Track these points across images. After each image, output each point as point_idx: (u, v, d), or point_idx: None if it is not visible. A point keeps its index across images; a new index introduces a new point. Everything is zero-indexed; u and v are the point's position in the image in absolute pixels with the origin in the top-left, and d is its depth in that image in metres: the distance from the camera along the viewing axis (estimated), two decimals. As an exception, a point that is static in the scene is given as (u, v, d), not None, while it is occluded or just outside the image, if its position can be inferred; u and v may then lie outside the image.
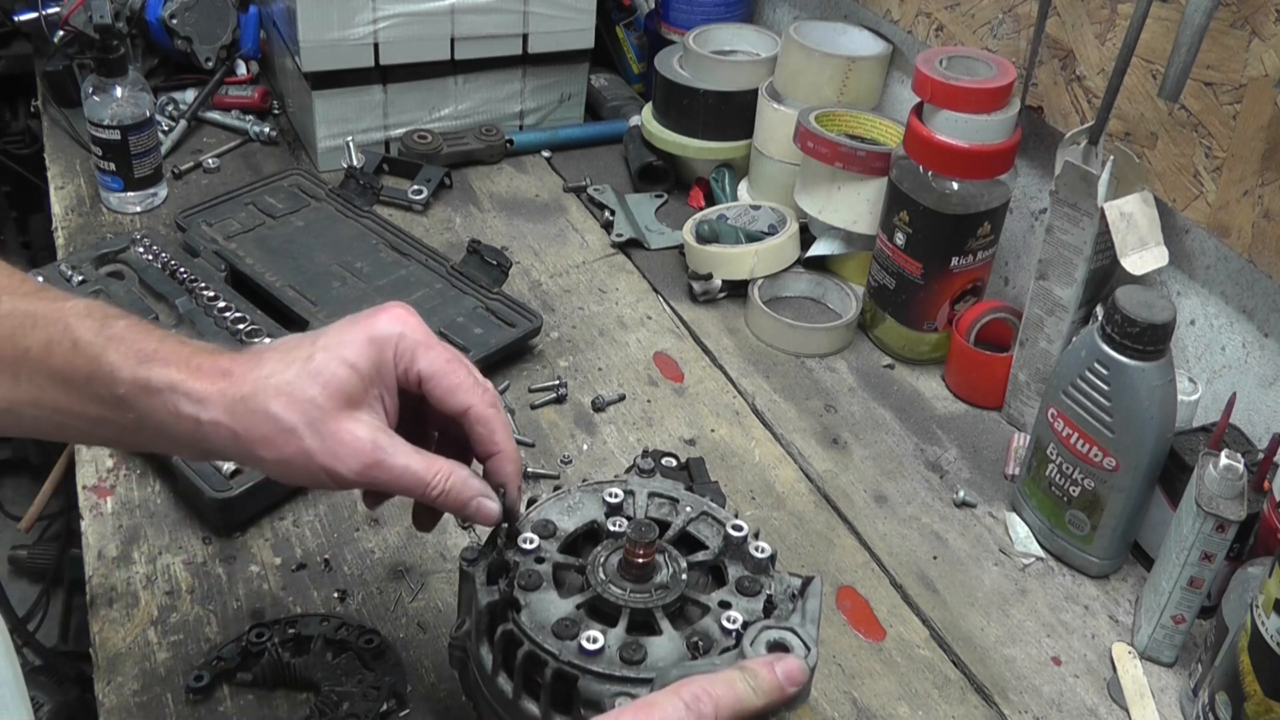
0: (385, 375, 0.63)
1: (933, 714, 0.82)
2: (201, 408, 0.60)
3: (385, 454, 0.61)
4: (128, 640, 0.80)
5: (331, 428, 0.60)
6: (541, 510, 0.68)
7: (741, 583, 0.65)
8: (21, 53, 1.60)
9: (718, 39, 1.41)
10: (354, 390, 0.61)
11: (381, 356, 0.62)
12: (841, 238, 1.22)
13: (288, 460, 0.60)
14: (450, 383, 0.63)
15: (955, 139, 1.05)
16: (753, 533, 0.67)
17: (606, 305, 1.21)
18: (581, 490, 0.69)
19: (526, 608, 0.61)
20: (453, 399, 0.63)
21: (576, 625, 0.60)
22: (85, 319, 0.62)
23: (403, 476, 0.61)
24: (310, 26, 1.28)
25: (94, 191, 1.30)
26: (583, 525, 0.67)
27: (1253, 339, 0.96)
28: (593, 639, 0.59)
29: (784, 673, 0.53)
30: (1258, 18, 0.87)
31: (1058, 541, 0.95)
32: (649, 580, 0.63)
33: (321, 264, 1.17)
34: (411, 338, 0.63)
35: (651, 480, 0.71)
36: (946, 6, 1.18)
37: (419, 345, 0.63)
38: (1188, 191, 0.96)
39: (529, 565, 0.64)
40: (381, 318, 0.63)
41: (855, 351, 1.18)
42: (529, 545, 0.64)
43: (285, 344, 0.63)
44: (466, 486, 0.63)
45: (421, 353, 0.63)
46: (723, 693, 0.52)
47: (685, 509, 0.69)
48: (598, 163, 1.47)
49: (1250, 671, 0.73)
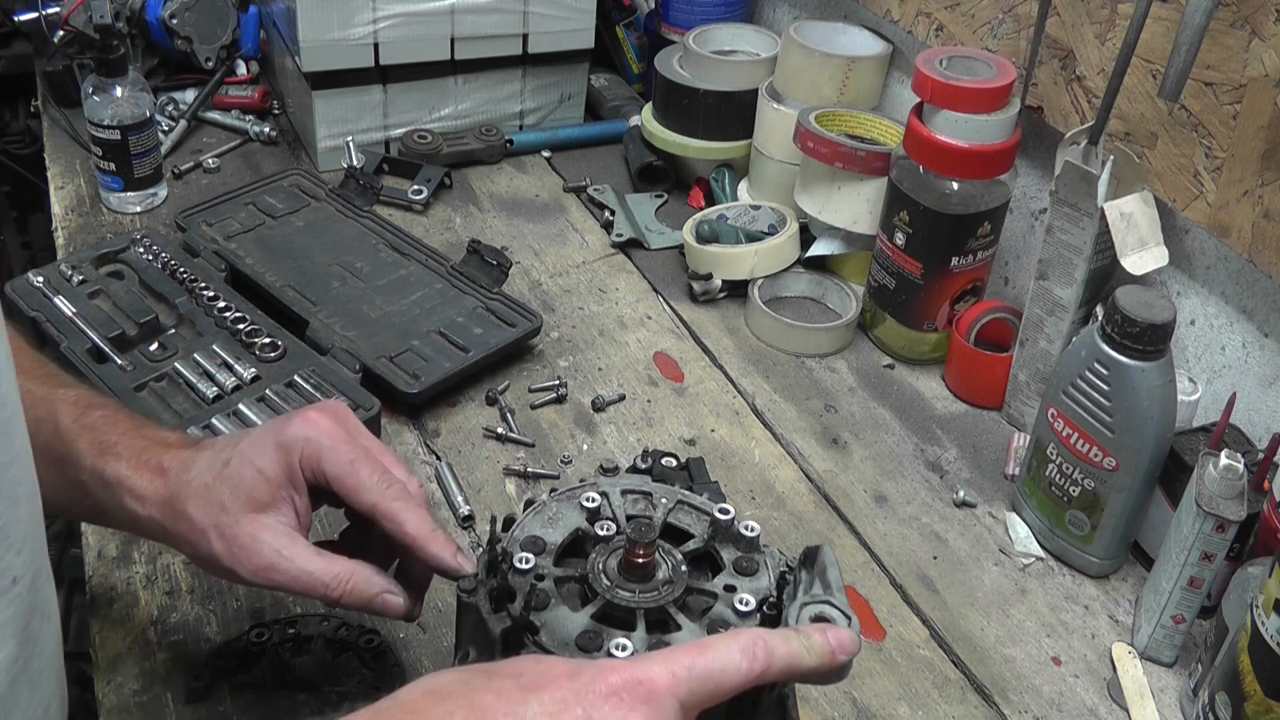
0: (294, 479, 0.65)
1: (933, 714, 0.82)
2: (140, 503, 0.65)
3: (282, 559, 0.63)
4: (128, 640, 0.80)
5: (234, 531, 0.63)
6: (524, 527, 0.66)
7: (739, 564, 0.65)
8: (21, 53, 1.60)
9: (718, 39, 1.41)
10: (261, 494, 0.64)
11: (289, 461, 0.65)
12: (841, 238, 1.22)
13: (201, 558, 0.65)
14: (352, 484, 0.65)
15: (955, 139, 1.05)
16: (732, 511, 0.67)
17: (606, 305, 1.21)
18: (556, 500, 0.68)
19: (544, 628, 0.60)
20: (357, 499, 0.65)
21: (599, 636, 0.60)
22: (70, 406, 0.68)
23: (299, 579, 0.63)
24: (310, 26, 1.28)
25: (94, 191, 1.30)
26: (568, 535, 0.67)
27: (1253, 339, 0.96)
28: (621, 646, 0.58)
29: (836, 640, 0.54)
30: (1258, 18, 0.87)
31: (1058, 541, 0.95)
32: (652, 578, 0.63)
33: (321, 264, 1.17)
34: (317, 442, 0.65)
35: (619, 478, 0.70)
36: (946, 6, 1.18)
37: (323, 449, 0.65)
38: (1188, 191, 0.96)
39: (530, 585, 0.63)
40: (295, 422, 0.66)
41: (855, 351, 1.18)
42: (525, 565, 0.63)
43: (217, 444, 0.68)
44: (370, 584, 0.65)
45: (326, 456, 0.65)
46: (778, 645, 0.52)
47: (661, 501, 0.69)
48: (598, 163, 1.47)
49: (1250, 671, 0.73)
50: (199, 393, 0.98)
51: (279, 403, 0.97)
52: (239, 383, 0.99)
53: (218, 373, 1.00)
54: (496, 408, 1.06)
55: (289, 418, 0.67)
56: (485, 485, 0.97)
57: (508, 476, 0.98)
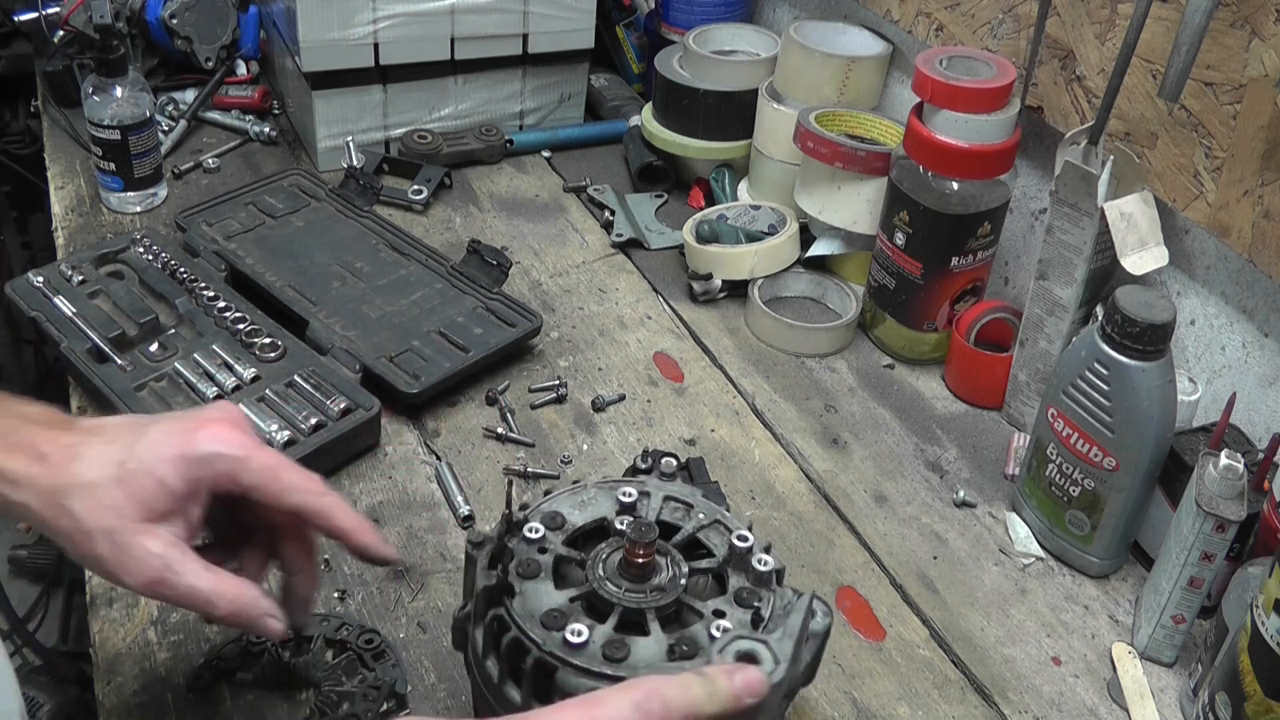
0: (197, 493, 0.64)
1: (933, 714, 0.82)
2: (12, 488, 0.62)
3: (173, 574, 0.62)
4: (128, 640, 0.80)
5: (125, 540, 0.61)
6: (554, 502, 0.68)
7: (740, 594, 0.64)
8: (21, 53, 1.60)
9: (718, 39, 1.41)
10: (159, 505, 0.63)
11: (195, 475, 0.64)
12: (841, 238, 1.22)
13: (82, 558, 0.63)
14: (275, 489, 0.65)
15: (955, 139, 1.05)
16: (762, 545, 0.66)
17: (606, 305, 1.21)
18: (597, 487, 0.69)
19: (520, 595, 0.62)
20: (282, 503, 0.65)
21: (565, 618, 0.60)
22: None
23: (189, 595, 0.63)
24: (310, 26, 1.28)
25: (94, 191, 1.30)
26: (592, 521, 0.67)
27: (1253, 339, 0.96)
28: (577, 632, 0.58)
29: (743, 682, 0.52)
30: (1258, 18, 0.87)
31: (1058, 541, 0.95)
32: (647, 581, 0.63)
33: (321, 264, 1.17)
34: (230, 456, 0.64)
35: (669, 484, 0.71)
36: (946, 6, 1.18)
37: (238, 461, 0.64)
38: (1188, 191, 0.96)
39: (530, 554, 0.64)
40: (200, 435, 0.64)
41: (855, 351, 1.18)
42: (534, 535, 0.65)
43: (106, 432, 0.64)
44: (255, 605, 0.65)
45: (241, 468, 0.64)
46: (675, 694, 0.50)
47: (698, 515, 0.69)
48: (598, 163, 1.47)
49: (1250, 671, 0.73)
50: (199, 393, 0.98)
51: (279, 403, 0.97)
52: (239, 383, 0.99)
53: (218, 373, 1.00)
54: (496, 408, 1.06)
55: (192, 427, 0.64)
56: (485, 485, 0.97)
57: (508, 476, 0.98)
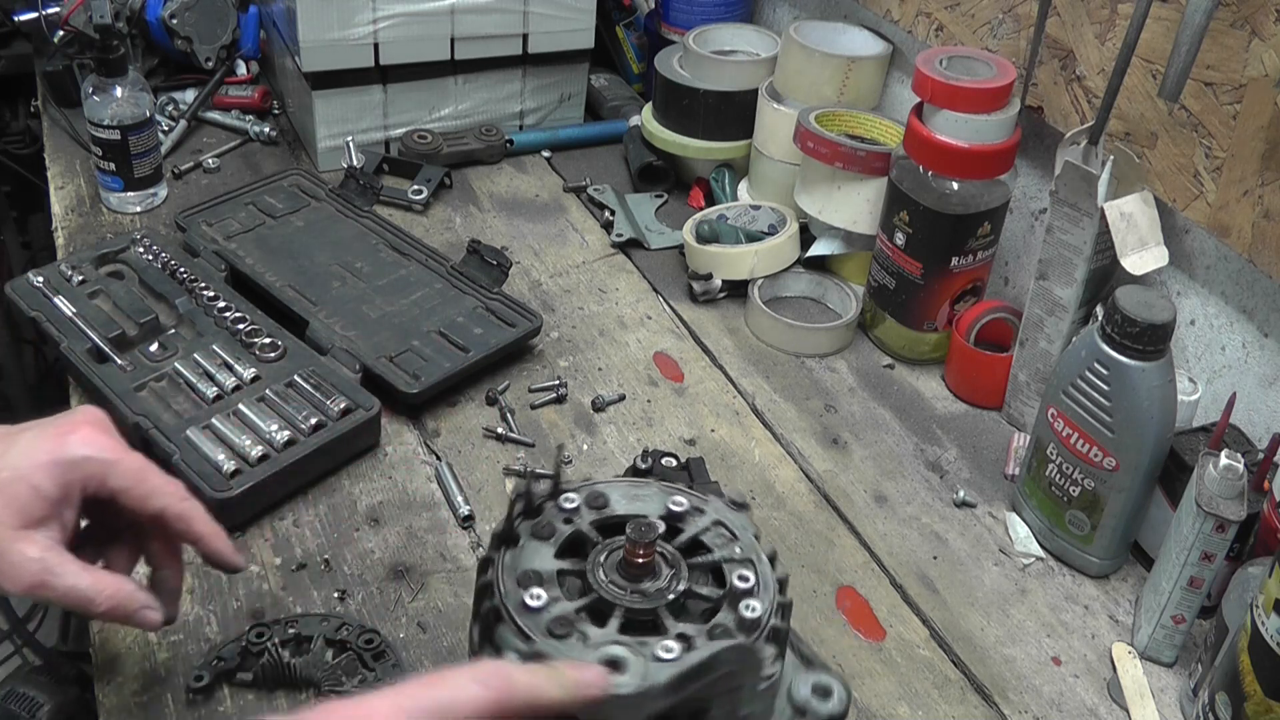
0: (70, 496, 0.66)
1: (933, 714, 0.82)
2: None
3: (52, 575, 0.64)
4: (128, 640, 0.80)
5: (4, 547, 0.63)
6: (608, 486, 0.68)
7: (715, 630, 0.61)
8: (21, 53, 1.60)
9: (718, 39, 1.41)
10: (34, 511, 0.64)
11: (67, 479, 0.65)
12: (841, 238, 1.22)
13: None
14: (142, 493, 0.67)
15: (955, 139, 1.05)
16: (767, 591, 0.63)
17: (606, 305, 1.21)
18: (659, 484, 0.69)
19: (521, 549, 0.63)
20: (147, 506, 0.68)
21: (538, 581, 0.61)
22: None
23: (69, 594, 0.65)
24: (310, 26, 1.28)
25: (94, 191, 1.30)
26: (631, 514, 0.67)
27: (1253, 339, 0.96)
28: (537, 596, 0.59)
29: (586, 676, 0.53)
30: (1258, 18, 0.87)
31: (1058, 541, 0.95)
32: (640, 581, 0.63)
33: (321, 264, 1.17)
34: (99, 459, 0.66)
35: (732, 512, 0.68)
36: (946, 6, 1.18)
37: (108, 465, 0.66)
38: (1188, 191, 0.96)
39: (554, 519, 0.65)
40: (71, 440, 0.66)
41: (855, 351, 1.18)
42: (568, 504, 0.66)
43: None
44: (132, 599, 0.67)
45: (111, 472, 0.66)
46: (520, 676, 0.52)
47: (734, 549, 0.66)
48: (598, 163, 1.47)
49: (1250, 671, 0.73)
50: (199, 393, 0.98)
51: (279, 403, 0.97)
52: (239, 383, 0.99)
53: (218, 373, 1.00)
54: (496, 408, 1.06)
55: (62, 432, 0.66)
56: (485, 485, 0.97)
57: (508, 476, 0.98)
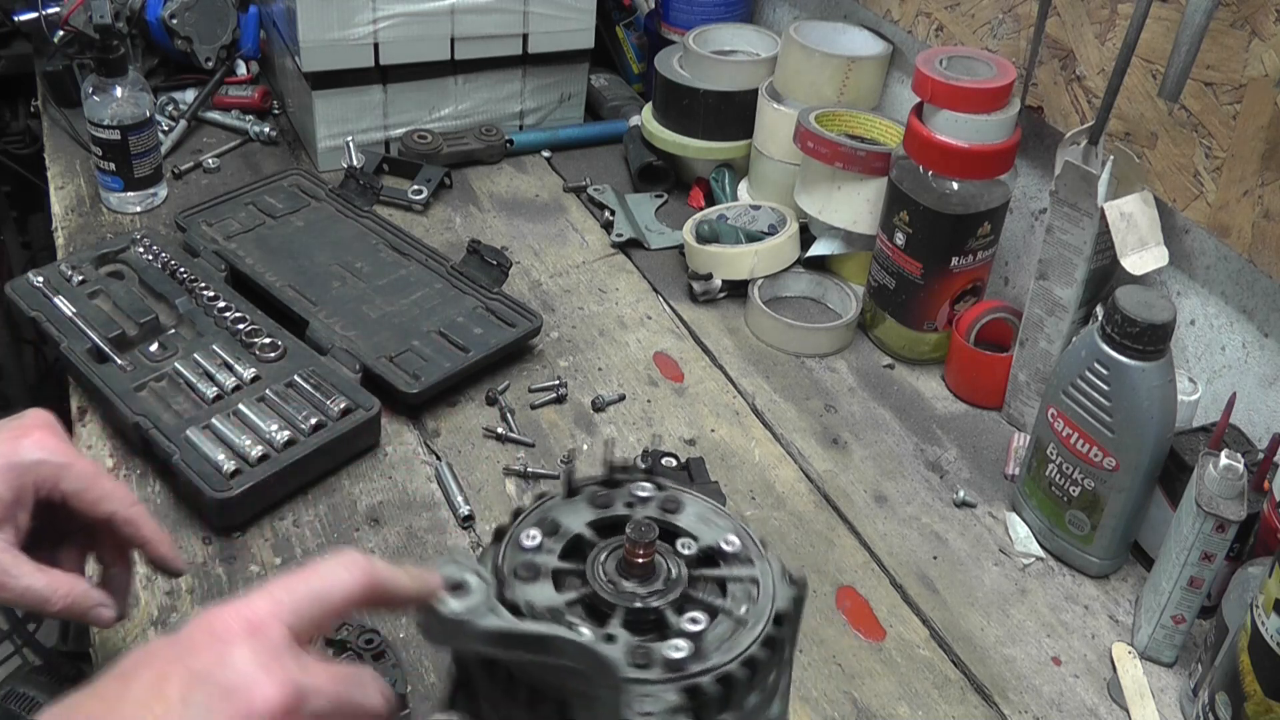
0: (24, 499, 0.67)
1: (933, 714, 0.82)
2: None
3: (9, 577, 0.65)
4: (128, 640, 0.80)
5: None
6: (679, 488, 0.68)
7: (611, 638, 0.60)
8: (21, 53, 1.60)
9: (718, 39, 1.41)
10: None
11: (21, 483, 0.67)
12: (841, 238, 1.22)
13: None
14: (94, 496, 0.69)
15: (955, 139, 1.05)
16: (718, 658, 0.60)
17: (606, 305, 1.21)
18: (716, 505, 0.67)
19: (550, 509, 0.64)
20: (98, 509, 0.69)
21: (539, 543, 0.62)
22: None
23: (25, 595, 0.66)
24: (310, 26, 1.28)
25: (94, 191, 1.30)
26: (680, 521, 0.67)
27: (1253, 339, 0.96)
28: (533, 536, 0.62)
29: (429, 581, 0.55)
30: (1258, 18, 0.87)
31: (1058, 541, 0.95)
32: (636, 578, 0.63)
33: (321, 264, 1.17)
34: (52, 462, 0.67)
35: (781, 584, 0.65)
36: (946, 6, 1.18)
37: (61, 469, 0.68)
38: (1188, 191, 0.96)
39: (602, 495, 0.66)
40: (24, 443, 0.67)
41: (855, 351, 1.18)
42: (634, 487, 0.66)
43: None
44: (86, 598, 0.69)
45: (64, 475, 0.68)
46: (380, 565, 0.55)
47: (753, 574, 0.64)
48: (598, 163, 1.47)
49: (1250, 671, 0.73)
50: (199, 393, 0.98)
51: (279, 403, 0.97)
52: (239, 383, 0.99)
53: (218, 373, 1.00)
54: (496, 408, 1.06)
55: (14, 436, 0.67)
56: (485, 485, 0.97)
57: (508, 476, 0.98)
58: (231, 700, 0.48)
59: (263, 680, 0.49)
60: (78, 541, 0.73)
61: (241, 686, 0.48)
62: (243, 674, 0.48)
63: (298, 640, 0.51)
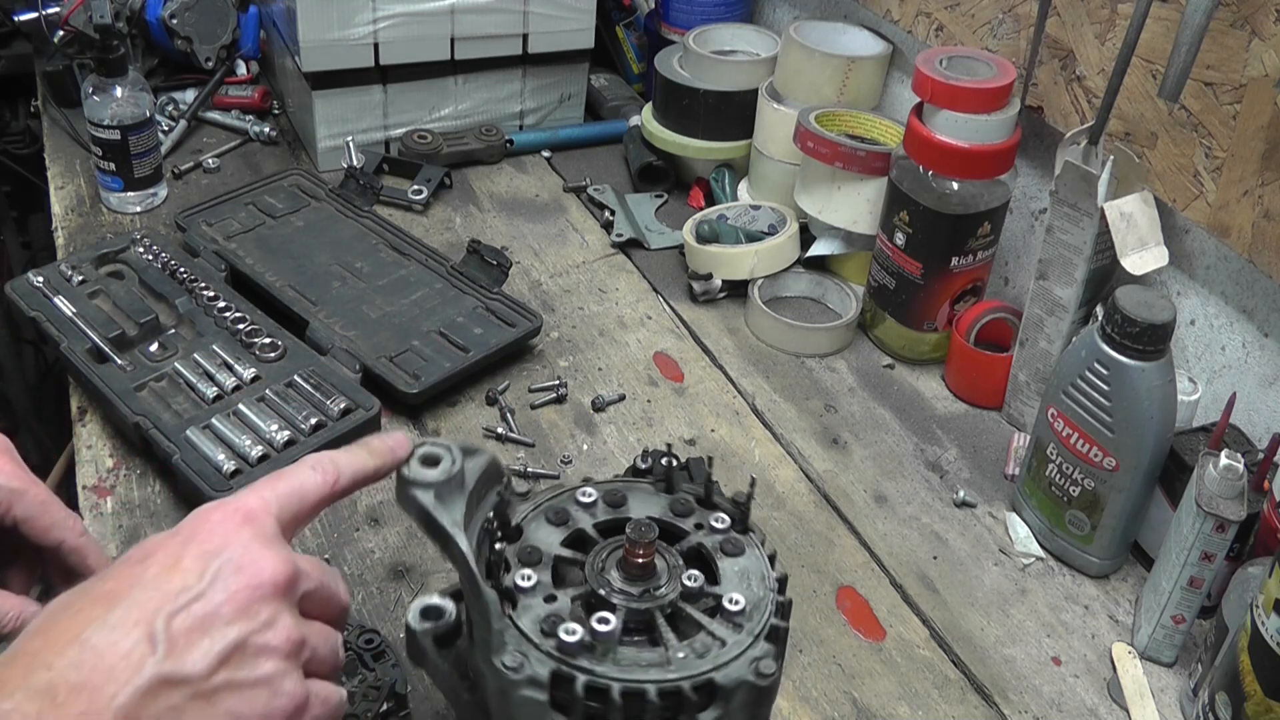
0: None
1: (933, 714, 0.82)
2: None
3: None
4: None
5: None
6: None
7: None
8: (21, 53, 1.60)
9: (718, 39, 1.41)
10: None
11: None
12: (841, 238, 1.22)
13: None
14: (45, 524, 0.68)
15: (955, 139, 1.05)
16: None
17: (606, 305, 1.21)
18: (734, 535, 0.68)
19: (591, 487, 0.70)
20: (48, 537, 0.68)
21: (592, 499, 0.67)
22: None
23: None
24: (310, 26, 1.28)
25: (94, 191, 1.30)
26: (698, 529, 0.69)
27: (1253, 339, 0.96)
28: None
29: (393, 441, 0.63)
30: (1258, 18, 0.87)
31: (1058, 541, 0.95)
32: (637, 578, 0.63)
33: (321, 264, 1.17)
34: (6, 488, 0.67)
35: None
36: (946, 6, 1.18)
37: (14, 495, 0.67)
38: (1188, 191, 0.96)
39: None
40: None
41: (855, 351, 1.18)
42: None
43: None
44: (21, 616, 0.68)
45: (17, 502, 0.67)
46: (343, 458, 0.61)
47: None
48: (598, 163, 1.47)
49: (1250, 671, 0.73)
50: (199, 393, 0.98)
51: (279, 403, 0.97)
52: (239, 383, 0.99)
53: (218, 373, 1.00)
54: (496, 408, 1.06)
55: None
56: (485, 485, 0.97)
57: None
58: (243, 573, 0.53)
59: (268, 555, 0.54)
60: (27, 563, 0.73)
61: (250, 562, 0.54)
62: (250, 551, 0.54)
63: (283, 533, 0.57)
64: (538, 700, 0.59)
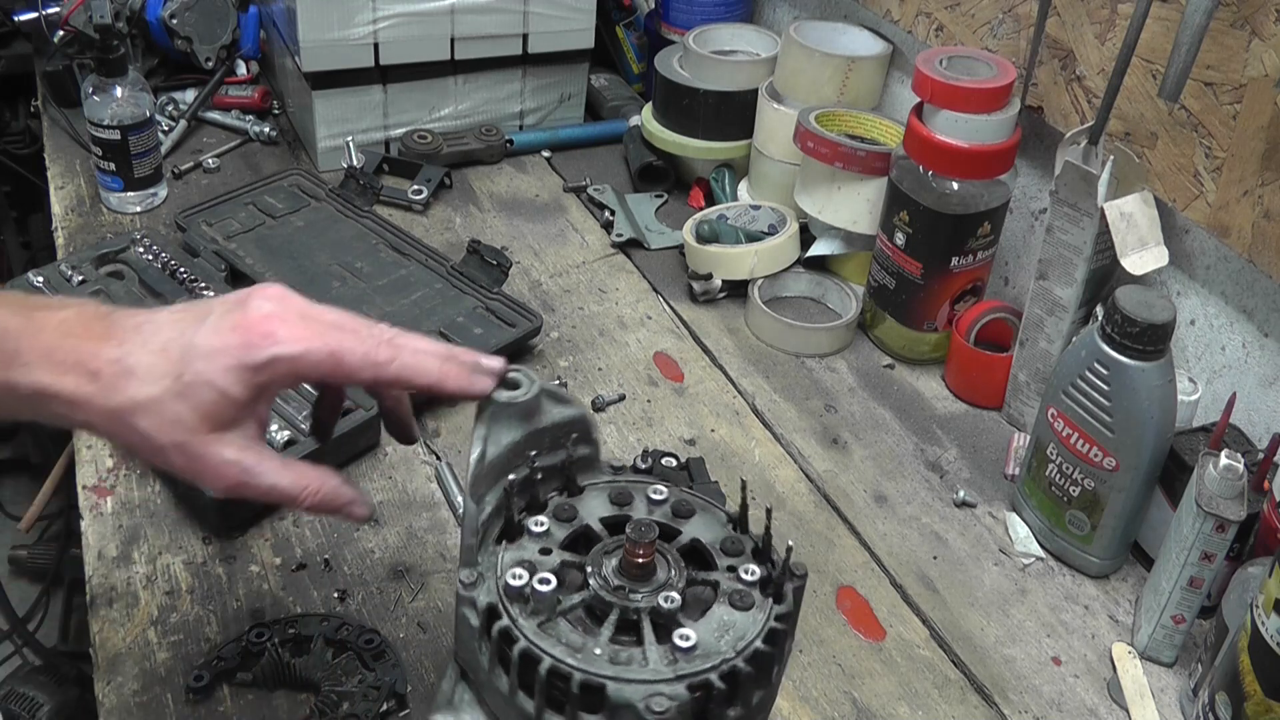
0: (263, 395, 0.63)
1: (933, 714, 0.82)
2: (71, 409, 0.60)
3: (251, 476, 0.62)
4: (128, 640, 0.80)
5: (198, 450, 0.61)
6: None
7: None
8: (21, 53, 1.60)
9: (718, 39, 1.41)
10: (225, 415, 0.61)
11: (255, 381, 0.61)
12: (841, 238, 1.22)
13: (157, 469, 0.67)
14: (345, 373, 0.63)
15: (955, 139, 1.05)
16: None
17: (606, 305, 1.21)
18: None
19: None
20: (356, 380, 0.64)
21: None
22: None
23: (271, 493, 0.63)
24: (310, 26, 1.28)
25: (94, 191, 1.30)
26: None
27: (1253, 339, 0.96)
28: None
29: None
30: (1258, 18, 0.87)
31: (1058, 541, 0.95)
32: (636, 577, 0.63)
33: (321, 264, 1.17)
34: (289, 359, 0.61)
35: None
36: (946, 6, 1.18)
37: (297, 362, 0.62)
38: (1188, 191, 0.96)
39: None
40: (255, 337, 0.61)
41: (855, 351, 1.18)
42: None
43: (152, 342, 0.62)
44: (337, 495, 0.66)
45: (301, 369, 0.62)
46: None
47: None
48: (598, 163, 1.47)
49: (1250, 671, 0.73)
50: (199, 393, 0.98)
51: (279, 403, 0.97)
52: (239, 383, 0.99)
53: (218, 373, 0.99)
54: (496, 408, 1.06)
55: (245, 328, 0.61)
56: (485, 485, 0.97)
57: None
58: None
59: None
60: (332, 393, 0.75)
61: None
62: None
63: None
64: (471, 624, 0.60)
